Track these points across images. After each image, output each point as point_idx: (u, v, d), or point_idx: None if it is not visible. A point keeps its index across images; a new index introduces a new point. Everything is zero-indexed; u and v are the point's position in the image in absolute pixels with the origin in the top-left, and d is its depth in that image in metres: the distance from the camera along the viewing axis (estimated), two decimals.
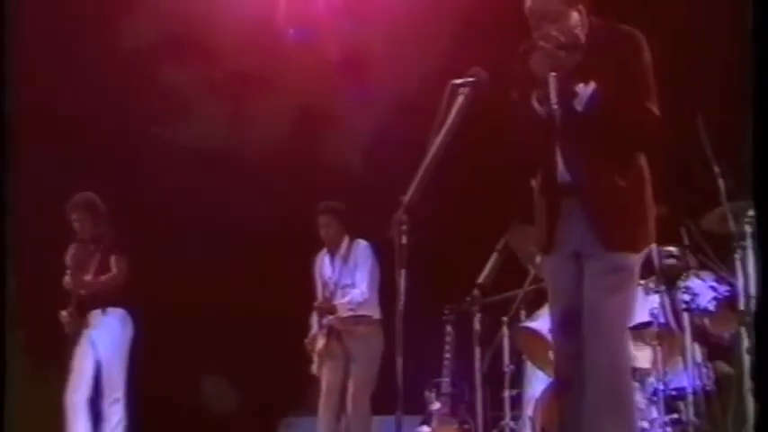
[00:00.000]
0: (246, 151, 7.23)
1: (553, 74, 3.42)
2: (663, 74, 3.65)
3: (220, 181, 7.29)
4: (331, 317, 6.24)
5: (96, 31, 6.85)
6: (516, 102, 3.64)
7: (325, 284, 6.42)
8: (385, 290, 6.04)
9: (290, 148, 7.28)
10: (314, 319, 6.44)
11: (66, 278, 6.13)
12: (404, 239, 3.24)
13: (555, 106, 3.50)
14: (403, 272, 3.22)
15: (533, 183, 4.25)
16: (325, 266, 6.49)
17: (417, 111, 3.60)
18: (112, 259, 6.07)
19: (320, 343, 6.30)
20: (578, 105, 3.45)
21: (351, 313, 6.20)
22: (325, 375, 6.25)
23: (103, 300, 6.05)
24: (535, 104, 3.51)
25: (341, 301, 6.26)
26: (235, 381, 7.30)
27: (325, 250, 6.50)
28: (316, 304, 6.38)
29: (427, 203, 3.34)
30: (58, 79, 6.90)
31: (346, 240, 6.40)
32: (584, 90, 3.43)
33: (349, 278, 6.32)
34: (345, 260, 6.36)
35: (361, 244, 6.34)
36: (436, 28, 6.63)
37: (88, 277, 6.07)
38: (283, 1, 7.00)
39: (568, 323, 3.57)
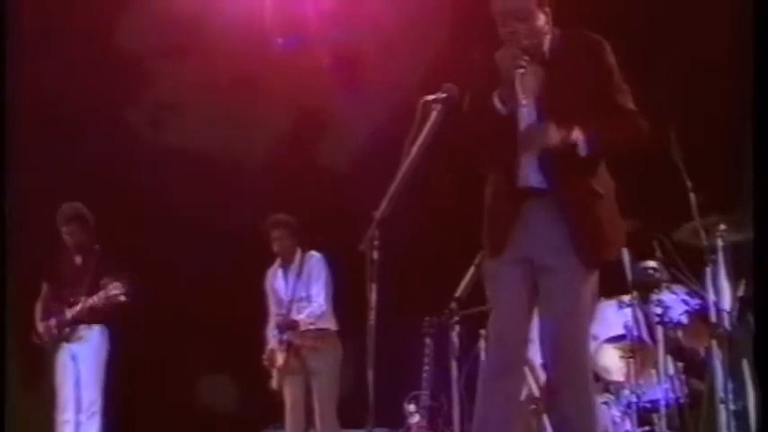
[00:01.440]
0: (232, 159, 7.21)
1: (520, 71, 3.32)
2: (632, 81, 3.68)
3: (200, 187, 7.26)
4: (291, 332, 6.21)
5: (90, 36, 6.81)
6: (469, 106, 3.54)
7: (279, 299, 6.41)
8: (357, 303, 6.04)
9: (279, 154, 7.26)
10: (270, 333, 6.41)
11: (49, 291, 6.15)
12: (375, 254, 3.24)
13: (523, 106, 3.37)
14: (374, 286, 3.22)
15: None
16: (278, 280, 6.47)
17: (408, 118, 3.59)
18: (103, 280, 5.94)
19: (279, 359, 6.26)
20: (582, 152, 3.40)
21: (311, 327, 6.19)
22: (288, 392, 6.25)
23: (87, 317, 6.02)
24: (497, 104, 3.40)
25: (300, 315, 6.25)
26: (213, 393, 7.28)
27: (277, 264, 6.49)
28: (276, 320, 6.34)
29: (402, 218, 3.35)
30: (56, 82, 6.87)
31: (299, 253, 6.40)
32: (579, 135, 3.38)
33: (304, 291, 6.32)
34: (299, 274, 6.35)
35: (315, 256, 6.35)
36: (426, 33, 6.64)
37: (75, 297, 6.00)
38: (270, 9, 6.98)
39: (503, 336, 3.49)
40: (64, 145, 7.12)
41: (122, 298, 5.80)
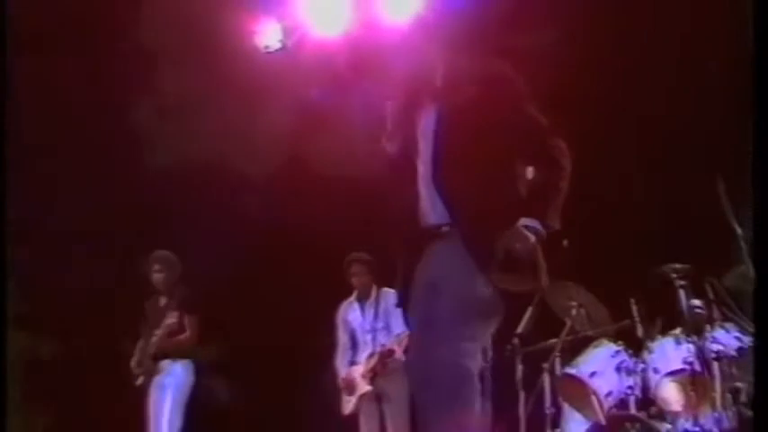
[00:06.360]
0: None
1: (389, 102, 3.10)
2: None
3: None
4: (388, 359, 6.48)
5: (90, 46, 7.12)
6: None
7: (353, 331, 6.82)
8: None
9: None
10: (339, 362, 6.78)
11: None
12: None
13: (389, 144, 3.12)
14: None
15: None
16: (353, 313, 6.89)
17: None
18: (186, 319, 6.55)
19: (362, 386, 6.61)
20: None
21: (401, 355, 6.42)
22: (364, 418, 6.61)
23: (172, 352, 6.55)
24: (386, 146, 3.15)
25: (389, 339, 6.56)
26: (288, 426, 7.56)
27: (353, 298, 6.92)
28: (379, 350, 6.60)
29: None
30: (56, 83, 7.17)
31: (375, 289, 6.85)
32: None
33: (383, 322, 6.72)
34: (376, 308, 6.78)
35: (390, 292, 6.68)
36: None
37: (160, 333, 6.52)
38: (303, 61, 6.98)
39: None
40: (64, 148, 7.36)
41: (176, 325, 6.35)
